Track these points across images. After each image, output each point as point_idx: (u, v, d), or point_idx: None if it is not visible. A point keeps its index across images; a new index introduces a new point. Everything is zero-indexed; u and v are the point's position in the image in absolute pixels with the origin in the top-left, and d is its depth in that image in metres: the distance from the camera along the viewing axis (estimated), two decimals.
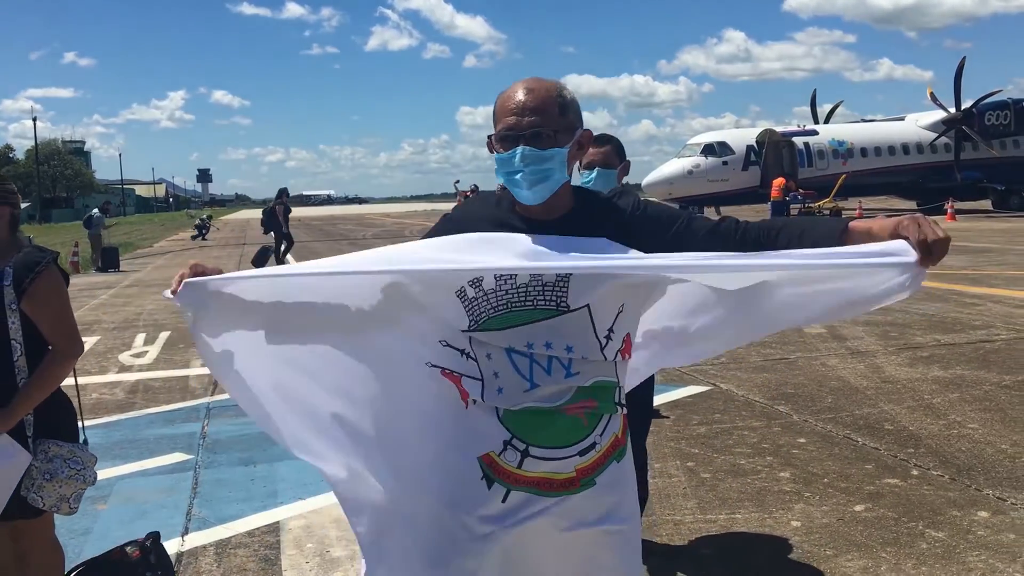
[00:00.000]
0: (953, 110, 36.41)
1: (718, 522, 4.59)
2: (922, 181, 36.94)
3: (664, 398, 7.14)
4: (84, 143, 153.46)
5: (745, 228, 2.14)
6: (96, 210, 25.75)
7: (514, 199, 2.13)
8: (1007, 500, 4.72)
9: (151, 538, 3.55)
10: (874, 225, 2.06)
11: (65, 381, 3.09)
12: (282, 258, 20.21)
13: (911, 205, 37.99)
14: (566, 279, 2.01)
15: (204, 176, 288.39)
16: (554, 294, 2.01)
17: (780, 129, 36.90)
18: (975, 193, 37.50)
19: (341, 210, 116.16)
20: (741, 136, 36.73)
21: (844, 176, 35.34)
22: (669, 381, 7.78)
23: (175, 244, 38.25)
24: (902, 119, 40.19)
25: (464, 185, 35.60)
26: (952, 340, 9.22)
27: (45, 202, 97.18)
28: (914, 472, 5.21)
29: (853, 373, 7.87)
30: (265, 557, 4.33)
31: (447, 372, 2.09)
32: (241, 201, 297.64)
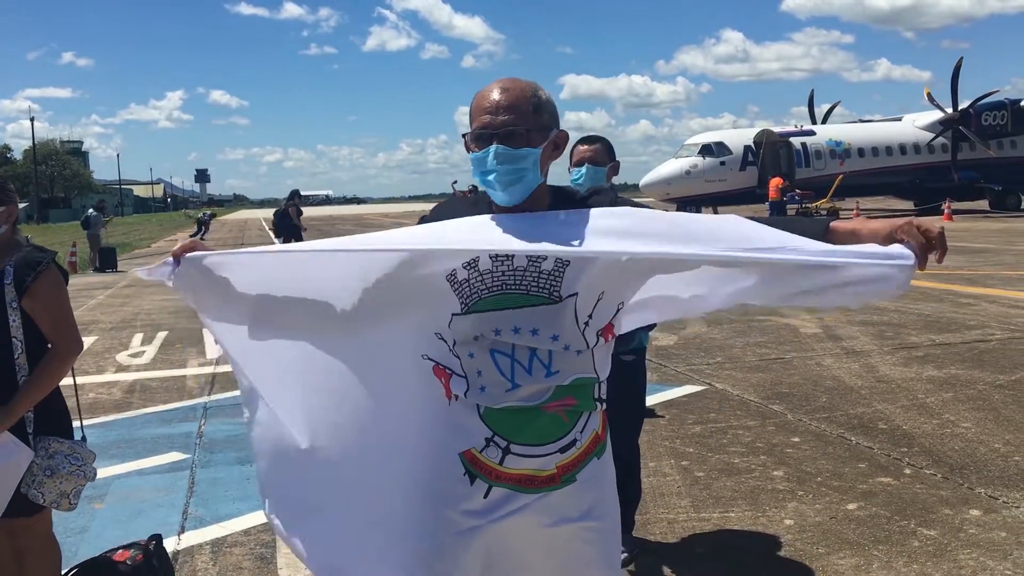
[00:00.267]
0: (950, 110, 36.47)
1: (712, 520, 4.62)
2: (919, 181, 37.00)
3: (659, 398, 7.17)
4: (82, 143, 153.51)
5: None
6: (92, 210, 25.76)
7: (491, 200, 2.14)
8: (999, 498, 4.74)
9: (153, 541, 3.58)
10: (861, 228, 2.05)
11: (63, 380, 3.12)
12: None
13: (908, 205, 38.08)
14: (563, 266, 2.02)
15: (202, 176, 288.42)
16: (548, 282, 2.02)
17: (778, 129, 36.93)
18: (972, 193, 37.56)
19: (339, 210, 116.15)
20: (739, 136, 36.77)
21: (841, 176, 35.38)
22: (665, 381, 7.81)
23: (173, 244, 38.12)
24: (899, 119, 40.26)
25: (462, 185, 35.40)
26: (947, 340, 9.25)
27: (43, 202, 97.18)
28: (907, 471, 5.24)
29: (848, 373, 7.90)
30: (261, 556, 4.35)
31: (439, 367, 2.11)
32: (239, 201, 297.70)
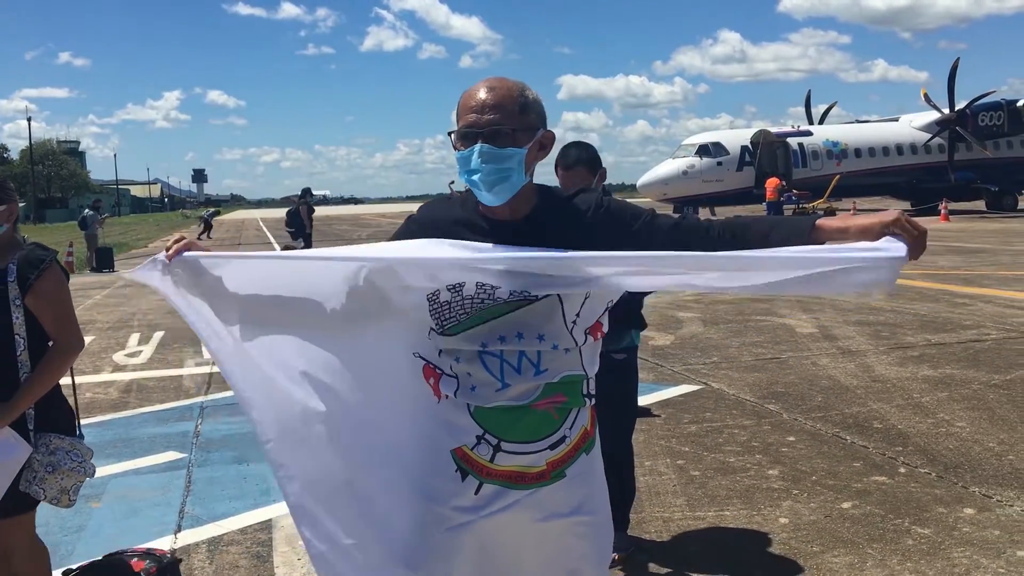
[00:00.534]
0: (947, 111, 36.53)
1: (707, 519, 4.63)
2: (916, 182, 37.06)
3: (655, 397, 7.19)
4: (79, 143, 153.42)
5: (709, 225, 2.16)
6: (88, 209, 25.76)
7: (477, 200, 2.15)
8: (993, 497, 4.76)
9: (172, 562, 3.61)
10: (850, 226, 2.04)
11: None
12: None
13: (905, 206, 38.08)
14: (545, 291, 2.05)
15: (199, 176, 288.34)
16: (522, 295, 2.05)
17: (775, 130, 36.98)
18: (969, 194, 37.62)
19: (337, 210, 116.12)
20: (736, 137, 36.82)
21: (838, 177, 35.44)
22: (661, 380, 7.83)
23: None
24: (896, 120, 40.31)
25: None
26: (942, 340, 9.27)
27: (40, 202, 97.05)
28: (901, 470, 5.26)
29: (843, 372, 7.92)
30: (257, 554, 4.36)
31: (429, 367, 2.12)
32: (237, 201, 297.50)
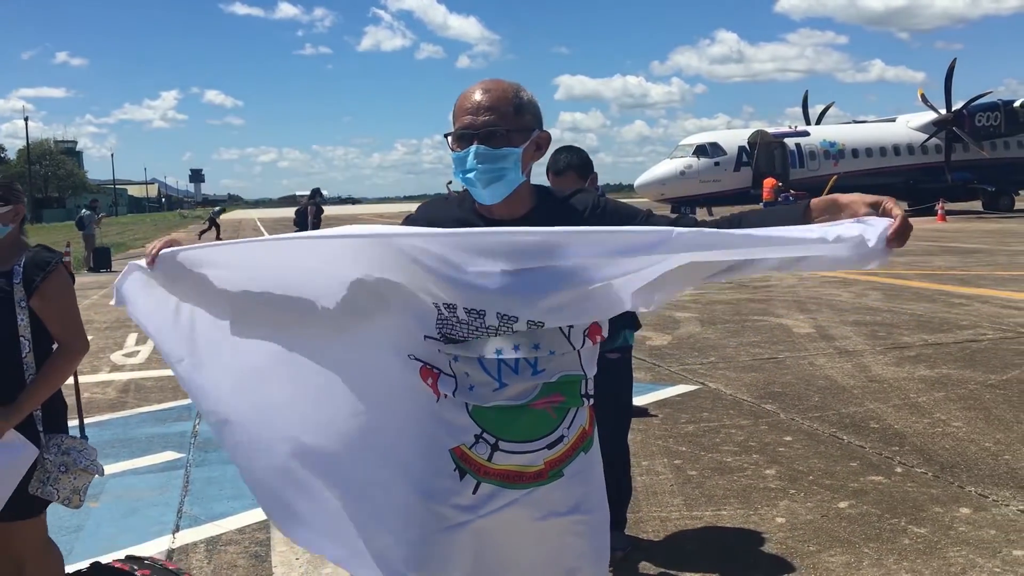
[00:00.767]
0: (944, 111, 36.60)
1: (704, 519, 4.65)
2: (913, 182, 37.11)
3: (653, 397, 7.21)
4: (76, 143, 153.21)
5: (704, 222, 2.17)
6: (85, 209, 25.75)
7: (475, 199, 2.16)
8: (989, 497, 4.78)
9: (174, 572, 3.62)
10: (838, 199, 2.03)
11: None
12: None
13: (903, 206, 38.07)
14: (539, 326, 2.02)
15: (197, 176, 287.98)
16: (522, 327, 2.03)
17: (772, 130, 37.04)
18: (966, 194, 37.71)
19: (334, 210, 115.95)
20: (733, 137, 36.87)
21: (835, 177, 35.48)
22: (658, 380, 7.85)
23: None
24: (893, 120, 40.38)
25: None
26: (939, 340, 9.29)
27: (37, 202, 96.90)
28: (898, 469, 5.27)
29: (840, 372, 7.94)
30: (255, 554, 4.37)
31: (426, 368, 2.12)
32: (234, 201, 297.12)
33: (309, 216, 20.77)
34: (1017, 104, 36.53)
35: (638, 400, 6.68)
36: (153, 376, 8.89)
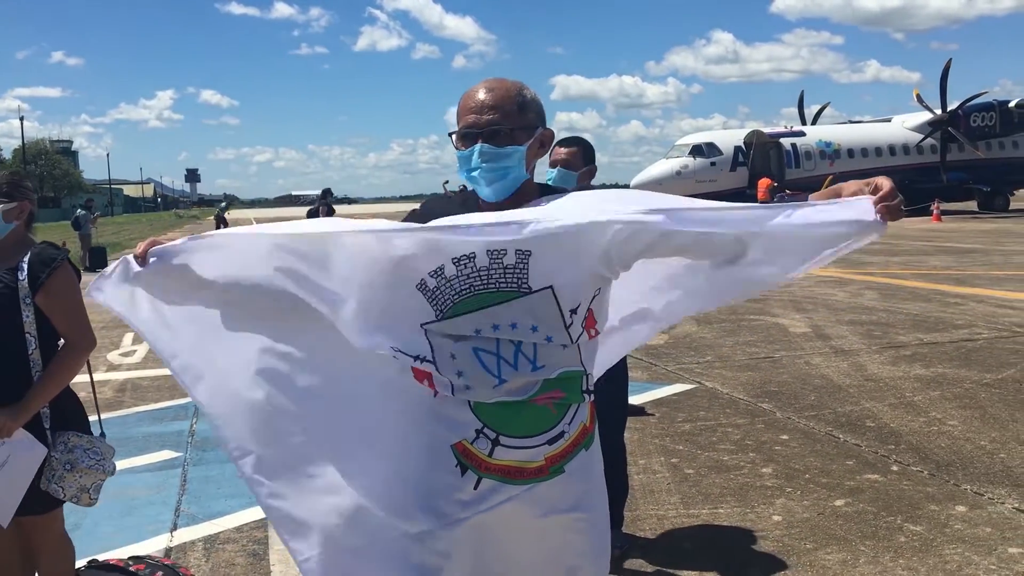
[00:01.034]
0: (939, 112, 36.67)
1: (701, 517, 4.66)
2: (909, 182, 37.09)
3: (650, 396, 7.22)
4: (72, 143, 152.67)
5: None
6: (80, 209, 25.69)
7: (478, 197, 2.17)
8: (984, 495, 4.80)
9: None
10: (841, 186, 2.15)
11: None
12: None
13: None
14: (526, 258, 2.03)
15: (192, 176, 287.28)
16: (515, 275, 2.04)
17: (768, 130, 37.09)
18: (961, 194, 37.77)
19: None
20: (729, 137, 36.91)
21: (831, 177, 35.46)
22: (655, 379, 7.86)
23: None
24: (889, 120, 40.45)
25: (453, 186, 35.48)
26: (934, 339, 9.32)
27: None
28: (894, 468, 5.29)
29: (836, 371, 7.96)
30: (253, 552, 4.38)
31: (419, 370, 2.11)
32: (230, 201, 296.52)
33: (321, 215, 20.79)
34: (1012, 104, 36.60)
35: (635, 399, 6.70)
36: (149, 375, 8.88)
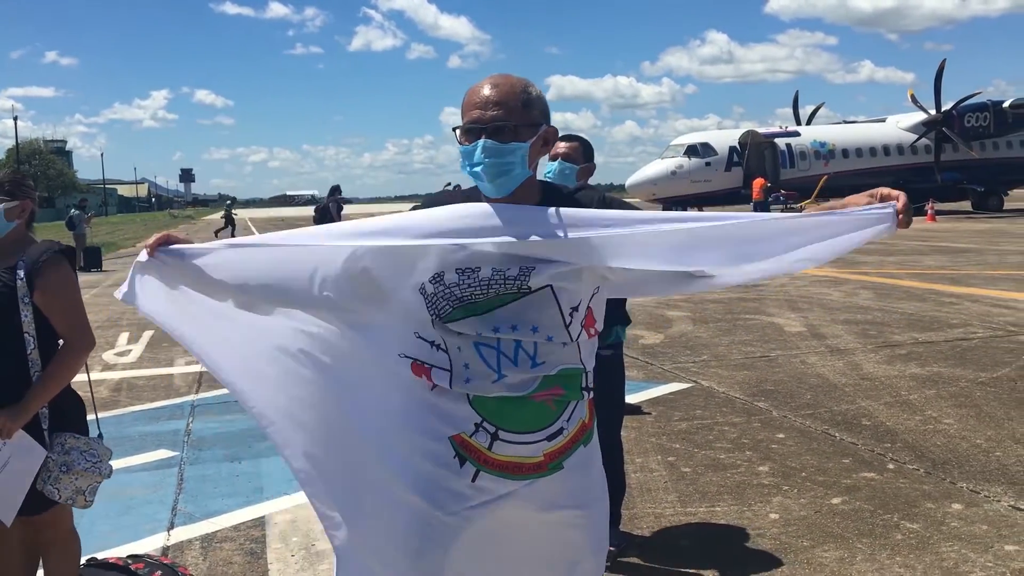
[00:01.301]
0: (934, 112, 36.76)
1: (698, 515, 4.67)
2: (903, 182, 37.12)
3: (646, 395, 7.23)
4: (66, 142, 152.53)
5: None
6: (74, 209, 25.65)
7: (481, 194, 2.17)
8: (980, 493, 4.81)
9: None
10: (841, 201, 2.18)
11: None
12: None
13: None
14: (528, 271, 2.05)
15: (187, 176, 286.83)
16: (515, 284, 2.06)
17: (763, 130, 37.14)
18: (955, 194, 37.87)
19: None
20: (724, 137, 36.97)
21: (826, 177, 35.60)
22: (651, 378, 7.87)
23: None
24: (883, 121, 40.53)
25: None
26: (930, 338, 9.34)
27: None
28: (890, 466, 5.30)
29: (832, 370, 7.97)
30: (251, 551, 4.37)
31: (417, 364, 2.12)
32: (225, 201, 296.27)
33: (332, 212, 20.78)
34: (1006, 105, 36.71)
35: (631, 398, 6.70)
36: (145, 375, 8.87)
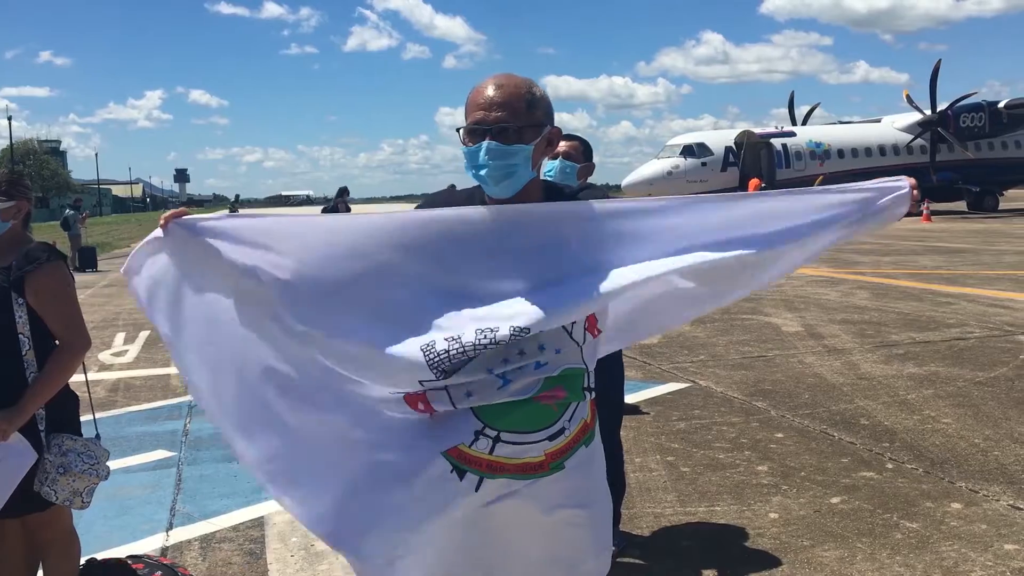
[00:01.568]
0: (929, 112, 36.84)
1: (697, 514, 4.67)
2: None
3: (645, 395, 7.23)
4: (60, 143, 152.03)
5: None
6: (69, 209, 25.58)
7: (484, 194, 2.16)
8: (979, 492, 4.82)
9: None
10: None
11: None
12: None
13: None
14: (540, 349, 2.06)
15: (182, 176, 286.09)
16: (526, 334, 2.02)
17: (758, 130, 37.19)
18: (950, 194, 37.95)
19: (320, 210, 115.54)
20: (720, 137, 37.02)
21: (821, 177, 35.61)
22: (649, 378, 7.87)
23: None
24: (879, 121, 40.61)
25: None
26: (927, 338, 9.36)
27: None
28: (889, 465, 5.31)
29: (830, 370, 7.98)
30: (250, 551, 4.36)
31: (411, 395, 2.09)
32: (219, 201, 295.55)
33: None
34: (1001, 105, 36.82)
35: (630, 398, 6.70)
36: (142, 375, 8.86)
